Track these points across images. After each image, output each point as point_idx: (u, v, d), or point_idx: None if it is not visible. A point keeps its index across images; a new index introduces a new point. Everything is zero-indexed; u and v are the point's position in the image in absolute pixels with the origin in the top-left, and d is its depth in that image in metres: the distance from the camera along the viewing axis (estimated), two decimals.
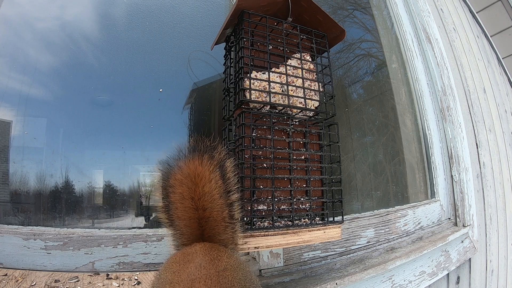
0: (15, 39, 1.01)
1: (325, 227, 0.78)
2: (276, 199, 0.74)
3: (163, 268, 0.58)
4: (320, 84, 0.84)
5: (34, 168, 0.95)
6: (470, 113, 2.05)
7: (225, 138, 0.84)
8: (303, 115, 0.82)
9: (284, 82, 0.77)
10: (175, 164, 0.64)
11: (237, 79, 0.77)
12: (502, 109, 2.64)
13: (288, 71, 0.79)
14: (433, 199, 1.66)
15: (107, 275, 0.82)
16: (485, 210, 1.95)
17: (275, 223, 0.72)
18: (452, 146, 1.72)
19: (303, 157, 0.81)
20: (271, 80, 0.75)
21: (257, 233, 0.69)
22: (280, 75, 0.78)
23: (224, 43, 0.90)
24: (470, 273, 1.72)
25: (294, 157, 0.79)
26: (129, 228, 0.94)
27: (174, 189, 0.63)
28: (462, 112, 1.86)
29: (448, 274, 1.50)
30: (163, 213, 0.66)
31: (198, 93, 1.16)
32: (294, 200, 0.77)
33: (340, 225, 0.81)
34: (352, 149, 1.63)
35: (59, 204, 0.96)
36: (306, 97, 0.79)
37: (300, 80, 0.79)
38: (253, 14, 0.77)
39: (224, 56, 0.90)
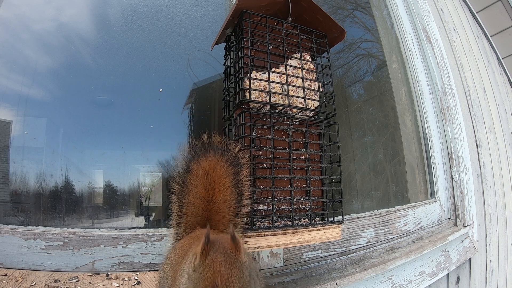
0: (13, 40, 1.01)
1: (325, 227, 0.78)
2: (276, 199, 0.74)
3: (170, 256, 0.61)
4: (320, 84, 0.84)
5: (34, 168, 0.95)
6: (470, 113, 2.05)
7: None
8: (303, 115, 0.82)
9: (284, 82, 0.77)
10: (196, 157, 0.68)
11: (237, 79, 0.77)
12: (502, 109, 2.63)
13: (288, 71, 0.79)
14: (433, 199, 1.65)
15: (107, 275, 0.82)
16: (485, 210, 1.95)
17: (275, 223, 0.72)
18: (452, 146, 1.72)
19: (303, 157, 0.81)
20: (271, 80, 0.75)
21: (257, 233, 0.69)
22: (280, 75, 0.78)
23: (224, 43, 0.90)
24: (470, 273, 1.72)
25: (294, 157, 0.79)
26: (129, 228, 0.94)
27: (191, 177, 0.67)
28: (462, 112, 1.86)
29: (448, 274, 1.50)
30: (176, 198, 0.70)
31: (198, 93, 1.16)
32: (294, 200, 0.77)
33: (340, 225, 0.81)
34: (352, 149, 1.63)
35: (59, 204, 0.95)
36: (306, 97, 0.79)
37: (300, 80, 0.79)
38: (253, 14, 0.77)
39: (224, 56, 0.90)
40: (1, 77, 0.97)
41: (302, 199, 0.79)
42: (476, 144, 2.02)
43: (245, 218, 0.70)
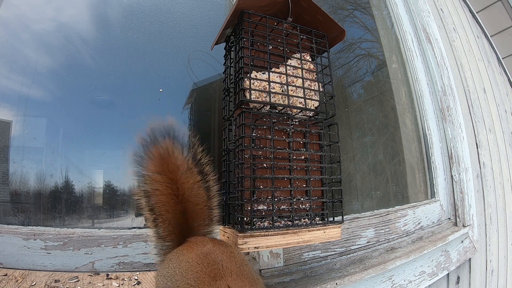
0: (13, 40, 1.01)
1: (325, 227, 0.78)
2: (276, 199, 0.74)
3: (181, 271, 0.59)
4: (320, 84, 0.84)
5: (34, 168, 0.95)
6: (470, 113, 2.05)
7: (225, 138, 0.84)
8: (303, 115, 0.82)
9: (284, 82, 0.77)
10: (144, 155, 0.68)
11: (237, 79, 0.77)
12: (502, 109, 2.63)
13: (288, 71, 0.79)
14: (433, 199, 1.66)
15: (107, 275, 0.82)
16: (485, 210, 1.95)
17: (275, 223, 0.72)
18: (452, 146, 1.72)
19: (303, 157, 0.81)
20: (271, 80, 0.75)
21: (257, 233, 0.69)
22: (280, 75, 0.78)
23: (224, 43, 0.90)
24: (470, 273, 1.72)
25: (294, 157, 0.79)
26: (129, 228, 0.94)
27: (149, 174, 0.67)
28: (462, 112, 1.86)
29: (448, 274, 1.50)
30: (145, 203, 0.69)
31: (198, 93, 1.16)
32: (294, 200, 0.77)
33: (340, 225, 0.81)
34: (352, 149, 1.63)
35: (59, 204, 0.96)
36: (306, 97, 0.79)
37: (300, 80, 0.79)
38: (253, 14, 0.77)
39: (224, 56, 0.90)
40: (1, 77, 0.97)
41: (302, 199, 0.79)
42: (476, 144, 2.02)
43: (245, 218, 0.70)
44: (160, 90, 1.10)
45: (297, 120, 0.82)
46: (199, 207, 0.69)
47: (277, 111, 0.78)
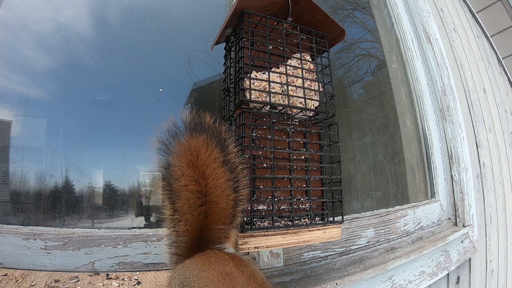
0: (12, 40, 1.01)
1: (325, 227, 0.78)
2: (276, 199, 0.74)
3: (201, 286, 0.57)
4: (320, 84, 0.84)
5: (34, 168, 0.95)
6: (470, 113, 2.05)
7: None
8: (303, 115, 0.82)
9: (284, 82, 0.77)
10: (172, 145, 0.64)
11: (237, 79, 0.77)
12: (502, 109, 2.63)
13: (288, 71, 0.79)
14: (433, 199, 1.66)
15: (107, 275, 0.82)
16: (485, 210, 1.95)
17: (275, 223, 0.72)
18: (452, 146, 1.72)
19: (303, 157, 0.81)
20: (271, 80, 0.75)
21: (257, 233, 0.69)
22: (280, 75, 0.78)
23: (224, 43, 0.90)
24: (470, 273, 1.72)
25: (294, 157, 0.79)
26: (129, 228, 0.94)
27: (175, 165, 0.63)
28: (462, 112, 1.86)
29: (448, 274, 1.50)
30: (168, 201, 0.66)
31: (198, 93, 1.16)
32: (294, 200, 0.77)
33: (340, 225, 0.81)
34: (352, 149, 1.63)
35: (59, 204, 0.96)
36: (306, 97, 0.79)
37: (300, 80, 0.79)
38: (253, 14, 0.77)
39: (224, 56, 0.90)
40: (1, 77, 0.97)
41: (302, 199, 0.79)
42: (476, 144, 2.02)
43: (245, 218, 0.70)
44: (160, 90, 1.10)
45: (297, 120, 0.82)
46: (225, 212, 0.66)
47: (277, 111, 0.78)
